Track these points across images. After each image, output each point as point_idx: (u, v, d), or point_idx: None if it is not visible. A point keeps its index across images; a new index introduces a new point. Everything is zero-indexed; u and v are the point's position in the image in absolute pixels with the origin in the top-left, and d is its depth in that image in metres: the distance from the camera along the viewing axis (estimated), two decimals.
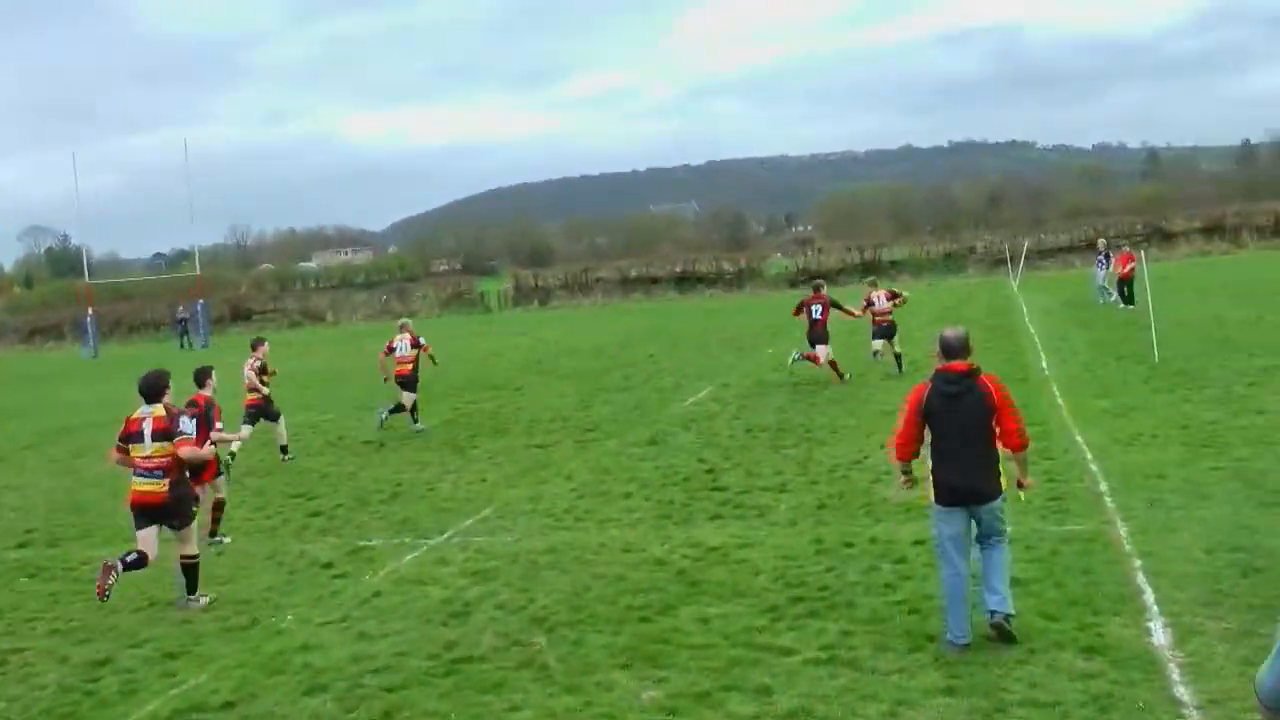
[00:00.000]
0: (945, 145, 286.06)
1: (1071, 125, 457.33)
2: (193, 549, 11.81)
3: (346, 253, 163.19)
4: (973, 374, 8.97)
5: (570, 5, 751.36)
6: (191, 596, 11.79)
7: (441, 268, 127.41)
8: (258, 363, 20.36)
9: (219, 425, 12.76)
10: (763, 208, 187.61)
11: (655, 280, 71.47)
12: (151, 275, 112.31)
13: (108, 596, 11.19)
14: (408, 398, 22.84)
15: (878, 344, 26.24)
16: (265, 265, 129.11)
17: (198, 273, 68.92)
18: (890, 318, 26.14)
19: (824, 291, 26.04)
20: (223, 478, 14.74)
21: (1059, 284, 51.73)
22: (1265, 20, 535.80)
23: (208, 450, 12.25)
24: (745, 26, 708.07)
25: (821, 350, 25.03)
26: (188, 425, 11.74)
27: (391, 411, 23.03)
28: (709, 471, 16.83)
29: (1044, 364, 25.24)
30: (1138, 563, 10.81)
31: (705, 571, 11.68)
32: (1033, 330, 32.34)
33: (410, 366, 22.81)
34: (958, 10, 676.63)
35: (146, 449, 11.52)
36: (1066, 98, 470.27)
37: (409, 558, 13.20)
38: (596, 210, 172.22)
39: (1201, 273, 42.76)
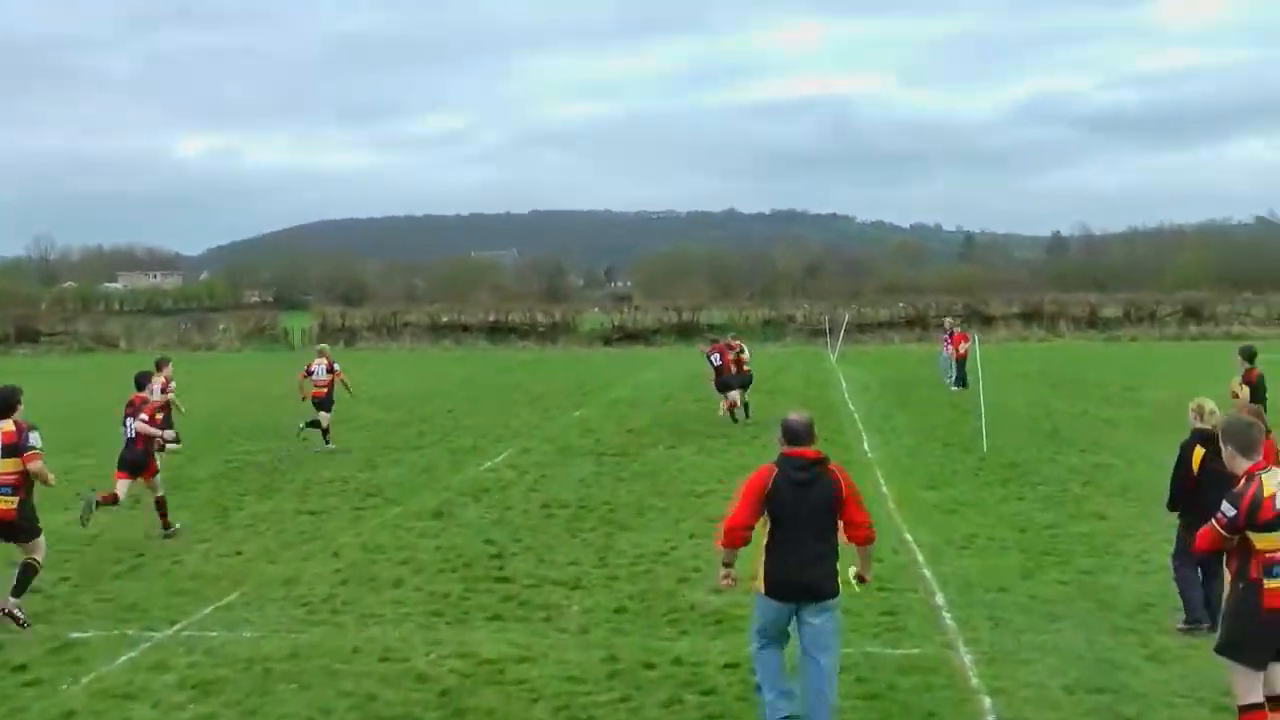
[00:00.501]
0: (768, 212, 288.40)
1: (891, 203, 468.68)
2: (39, 556, 11.98)
3: (155, 275, 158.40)
4: (822, 462, 8.45)
5: (406, 46, 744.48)
6: (16, 600, 11.65)
7: (253, 298, 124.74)
8: (169, 382, 22.05)
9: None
10: (584, 261, 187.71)
11: (466, 328, 69.07)
12: None
13: None
14: (324, 417, 24.72)
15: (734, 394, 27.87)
16: (68, 283, 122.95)
17: None
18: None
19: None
20: (158, 477, 16.14)
21: (878, 359, 50.97)
22: (1074, 121, 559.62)
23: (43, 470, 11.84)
24: (578, 81, 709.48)
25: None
26: (36, 439, 11.68)
27: (309, 424, 24.90)
28: (495, 556, 14.70)
29: (866, 446, 23.79)
30: (987, 701, 9.31)
31: (474, 694, 9.61)
32: (853, 407, 31.01)
33: (326, 390, 24.57)
34: (789, 81, 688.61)
35: None
36: (888, 177, 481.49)
37: (124, 658, 10.72)
38: (420, 252, 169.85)
39: (1021, 358, 42.31)
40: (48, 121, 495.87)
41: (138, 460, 15.86)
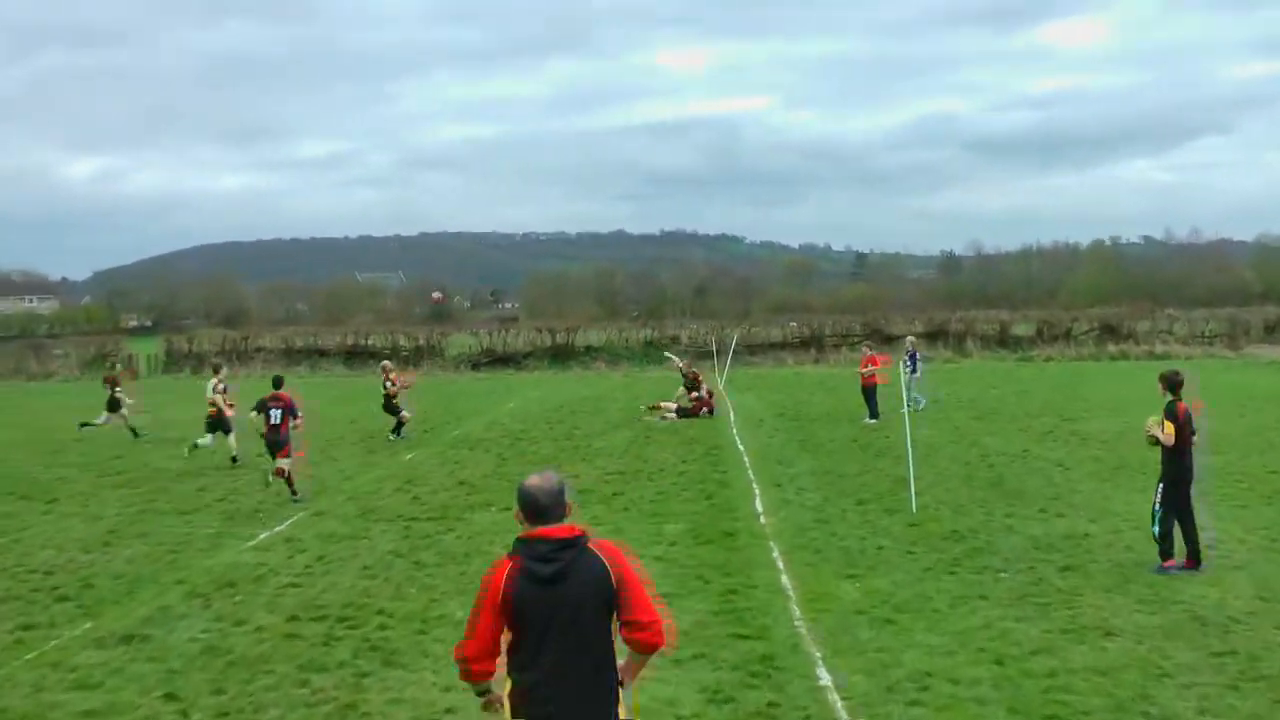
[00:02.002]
0: (657, 233, 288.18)
1: (780, 224, 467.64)
2: None
3: (30, 300, 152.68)
4: (578, 543, 5.66)
5: (286, 66, 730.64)
6: None
7: (132, 323, 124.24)
8: (221, 384, 25.61)
9: None
10: (472, 283, 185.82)
11: (323, 353, 62.60)
12: None
13: None
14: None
15: None
16: None
17: None
18: None
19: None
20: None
21: (772, 384, 45.35)
22: (964, 144, 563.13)
23: None
24: (465, 103, 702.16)
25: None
26: None
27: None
28: None
29: (759, 506, 18.19)
30: None
31: None
32: (742, 447, 25.41)
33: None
34: (676, 104, 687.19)
35: None
36: (776, 197, 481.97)
37: None
38: (309, 275, 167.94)
39: (935, 382, 37.16)
40: None
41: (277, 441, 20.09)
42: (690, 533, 16.18)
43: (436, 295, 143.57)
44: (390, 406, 28.84)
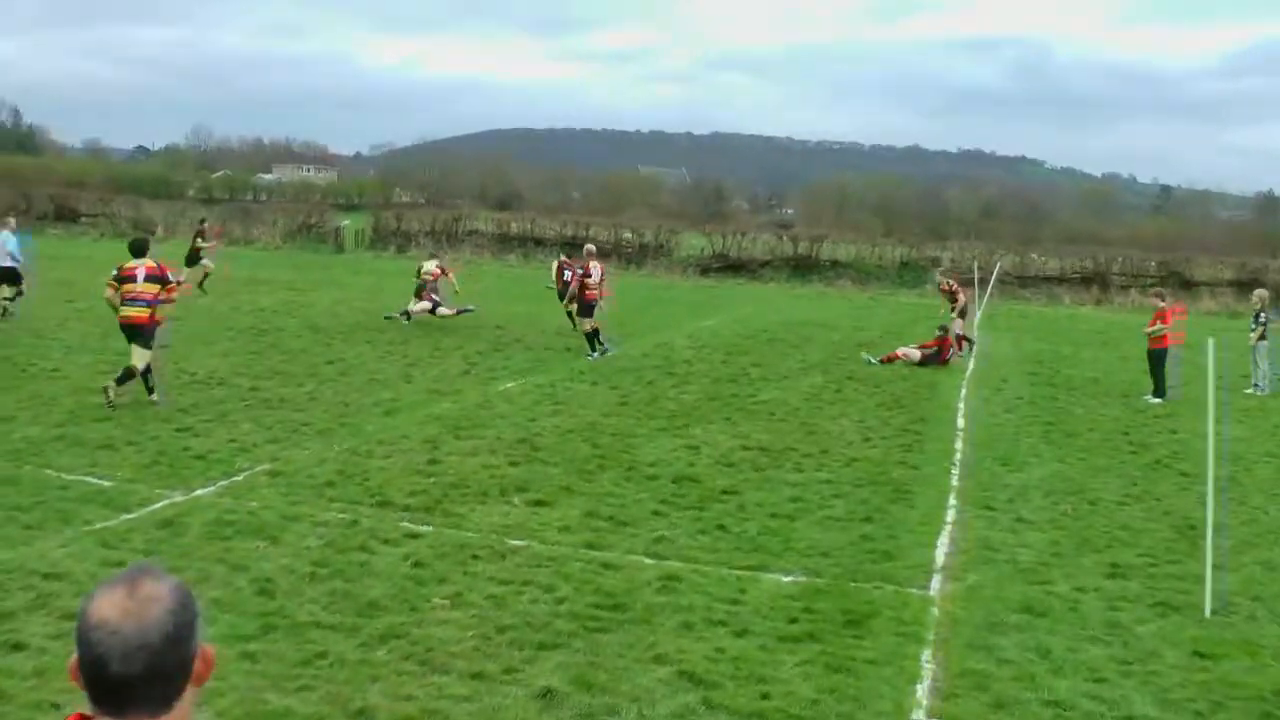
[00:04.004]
0: (953, 151, 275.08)
1: (1083, 150, 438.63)
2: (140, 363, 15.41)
3: (308, 169, 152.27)
4: None
5: None
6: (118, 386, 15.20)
7: (404, 198, 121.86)
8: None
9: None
10: (761, 186, 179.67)
11: (539, 241, 56.70)
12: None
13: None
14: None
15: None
16: (223, 171, 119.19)
17: None
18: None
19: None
20: None
21: (1035, 325, 36.97)
22: None
23: None
24: (772, 5, 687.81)
25: None
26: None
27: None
28: None
29: (939, 558, 10.91)
30: None
31: None
32: (961, 424, 17.95)
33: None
34: (986, 18, 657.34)
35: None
36: (1082, 121, 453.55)
37: None
38: (595, 164, 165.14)
39: (1242, 345, 28.51)
40: (228, 26, 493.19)
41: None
42: (797, 601, 9.25)
43: None
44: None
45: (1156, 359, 21.45)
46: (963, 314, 27.46)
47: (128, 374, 15.44)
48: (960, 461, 15.05)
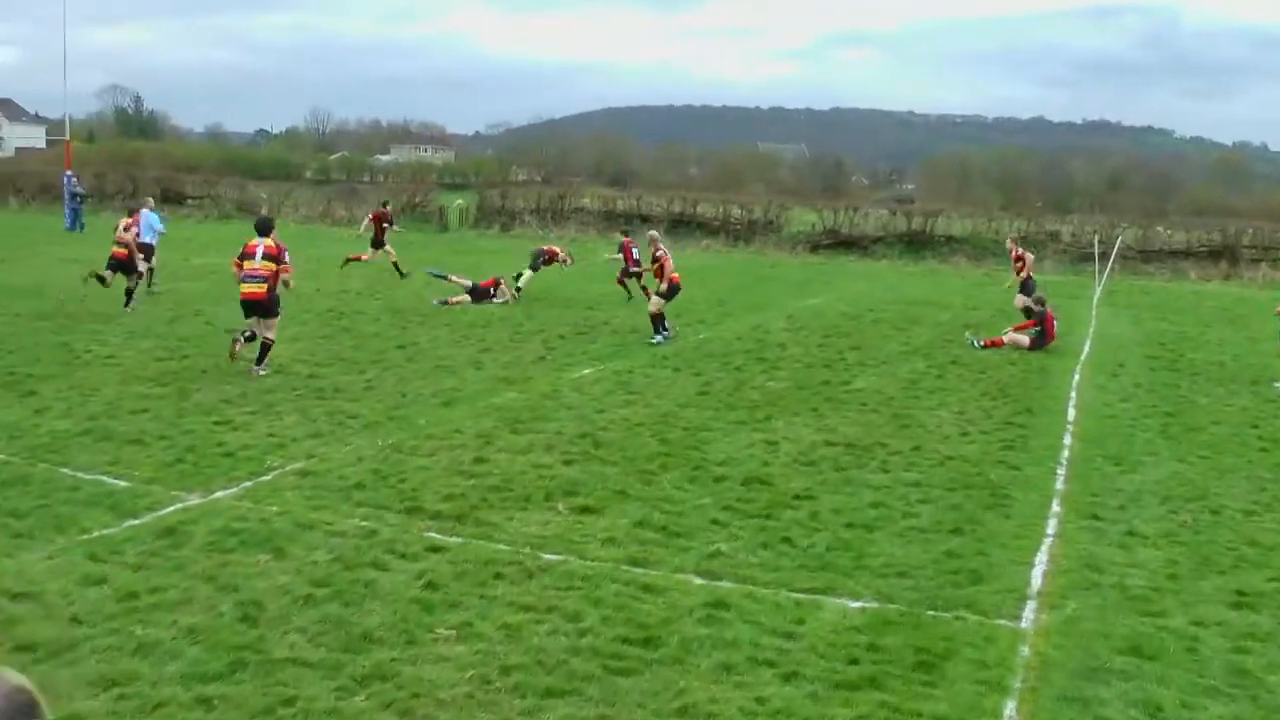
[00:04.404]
0: (1079, 122, 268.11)
1: (1213, 118, 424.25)
2: (271, 334, 16.70)
3: (425, 150, 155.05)
4: None
5: None
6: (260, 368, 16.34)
7: (521, 177, 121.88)
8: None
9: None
10: (882, 161, 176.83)
11: (645, 218, 55.39)
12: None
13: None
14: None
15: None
16: (341, 152, 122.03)
17: (67, 138, 56.20)
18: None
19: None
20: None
21: (1157, 303, 34.83)
22: None
23: None
24: None
25: None
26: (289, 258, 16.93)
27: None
28: None
29: (1035, 579, 9.56)
30: None
31: None
32: (1072, 415, 16.43)
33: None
34: None
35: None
36: (1212, 89, 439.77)
37: None
38: (713, 141, 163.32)
39: None
40: (350, 12, 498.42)
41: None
42: (862, 635, 8.02)
43: None
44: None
45: None
46: (1026, 287, 25.79)
47: (264, 348, 16.59)
48: (1067, 460, 13.54)
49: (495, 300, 25.90)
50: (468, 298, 25.74)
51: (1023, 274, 25.99)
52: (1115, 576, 9.41)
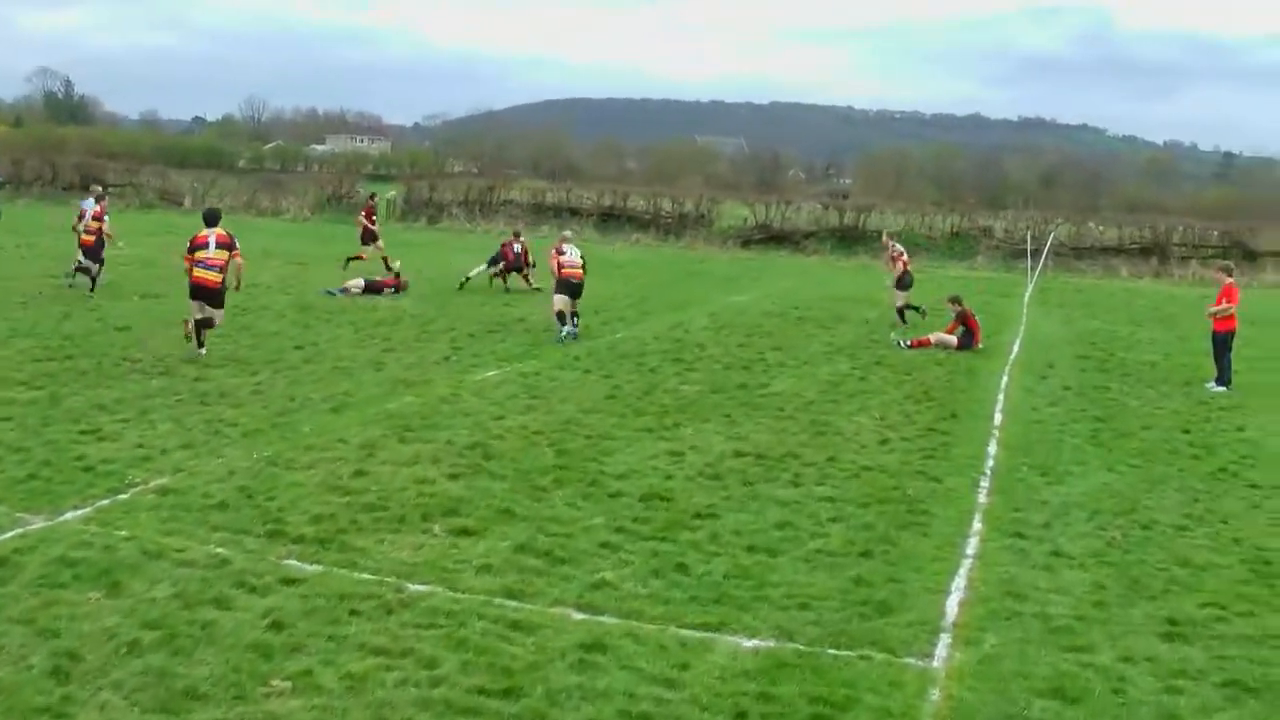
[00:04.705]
0: (1015, 119, 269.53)
1: (1146, 118, 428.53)
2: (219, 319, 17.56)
3: (361, 140, 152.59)
4: None
5: None
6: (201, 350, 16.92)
7: (457, 169, 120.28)
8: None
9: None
10: (820, 156, 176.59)
11: (575, 211, 54.49)
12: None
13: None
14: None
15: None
16: (276, 142, 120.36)
17: None
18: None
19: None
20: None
21: (1089, 300, 34.42)
22: None
23: None
24: None
25: None
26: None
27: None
28: None
29: (950, 609, 8.75)
30: None
31: None
32: (998, 420, 15.72)
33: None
34: None
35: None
36: (1145, 90, 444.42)
37: None
38: (653, 135, 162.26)
39: None
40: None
41: None
42: (753, 681, 7.22)
43: None
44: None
45: (1221, 343, 19.08)
46: (902, 283, 25.19)
47: (204, 324, 17.16)
48: (991, 471, 12.79)
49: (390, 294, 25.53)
50: (362, 281, 25.60)
51: (898, 270, 25.38)
52: (1037, 605, 8.64)
